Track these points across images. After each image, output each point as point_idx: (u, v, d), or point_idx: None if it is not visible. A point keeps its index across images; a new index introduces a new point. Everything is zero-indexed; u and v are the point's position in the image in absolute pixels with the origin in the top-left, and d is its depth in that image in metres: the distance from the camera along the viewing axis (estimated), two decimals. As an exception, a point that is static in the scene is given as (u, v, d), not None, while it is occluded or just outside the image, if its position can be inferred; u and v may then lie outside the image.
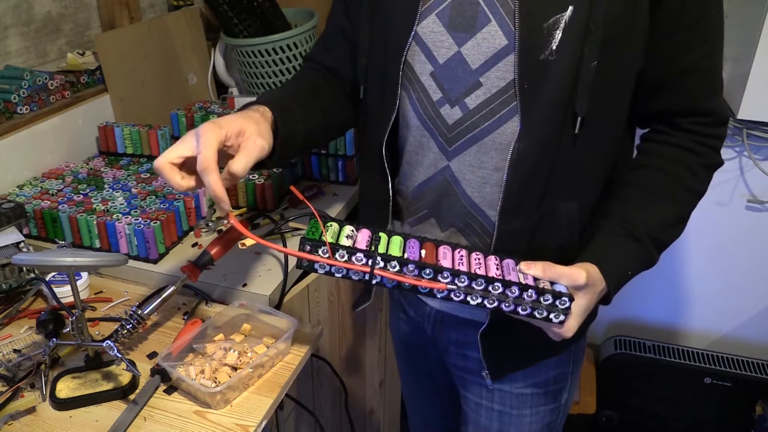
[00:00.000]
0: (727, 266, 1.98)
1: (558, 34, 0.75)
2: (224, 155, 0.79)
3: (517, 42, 0.76)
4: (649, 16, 0.77)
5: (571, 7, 0.74)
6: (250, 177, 1.32)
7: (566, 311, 0.76)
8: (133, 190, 1.26)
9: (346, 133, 1.38)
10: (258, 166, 0.86)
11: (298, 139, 0.91)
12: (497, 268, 0.78)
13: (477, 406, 1.05)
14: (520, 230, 0.84)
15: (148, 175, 1.34)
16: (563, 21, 0.74)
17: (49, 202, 1.21)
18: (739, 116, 1.62)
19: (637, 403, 2.04)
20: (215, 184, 0.75)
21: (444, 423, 1.27)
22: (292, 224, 1.20)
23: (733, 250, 1.95)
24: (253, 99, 0.90)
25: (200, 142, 0.76)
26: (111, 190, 1.27)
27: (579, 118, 0.78)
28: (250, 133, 0.79)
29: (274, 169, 1.34)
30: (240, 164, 0.77)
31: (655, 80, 0.82)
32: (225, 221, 1.26)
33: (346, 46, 0.97)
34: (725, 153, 1.82)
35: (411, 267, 0.75)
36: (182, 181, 0.78)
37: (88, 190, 1.26)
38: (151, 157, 1.43)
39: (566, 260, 0.81)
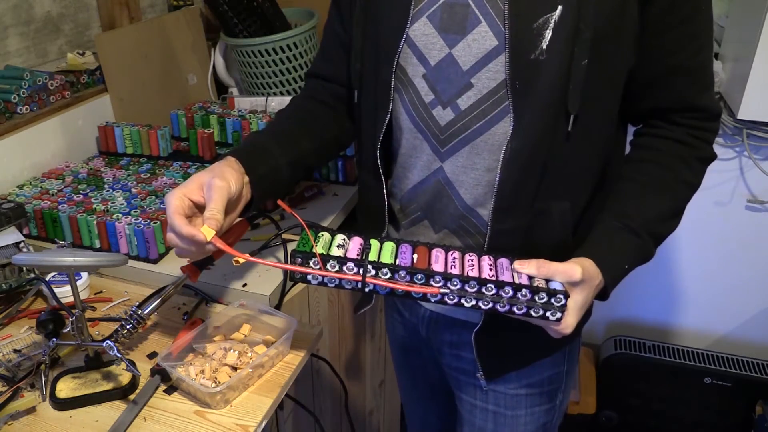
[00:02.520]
0: (727, 266, 1.98)
1: (548, 34, 0.75)
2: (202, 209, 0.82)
3: (507, 42, 0.76)
4: (639, 14, 0.77)
5: (560, 7, 0.74)
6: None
7: (562, 308, 0.76)
8: (133, 190, 1.26)
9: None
10: (247, 208, 0.88)
11: (282, 174, 0.92)
12: (490, 269, 0.78)
13: (472, 407, 1.05)
14: (513, 230, 0.84)
15: (148, 175, 1.34)
16: (553, 21, 0.75)
17: (49, 202, 1.21)
18: (739, 116, 1.62)
19: (637, 403, 2.04)
20: (181, 226, 0.77)
21: (440, 423, 1.27)
22: (285, 236, 1.19)
23: (733, 250, 1.95)
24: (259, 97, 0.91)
25: (167, 214, 0.79)
26: (111, 190, 1.27)
27: (571, 117, 0.78)
28: (207, 184, 0.80)
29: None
30: (207, 207, 0.79)
31: (646, 78, 0.82)
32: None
33: (343, 53, 0.97)
34: (725, 153, 1.83)
35: (402, 273, 0.76)
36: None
37: (88, 190, 1.26)
38: (151, 157, 1.43)
39: (560, 259, 0.81)
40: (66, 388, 0.87)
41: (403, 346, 1.18)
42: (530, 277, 0.78)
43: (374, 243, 0.82)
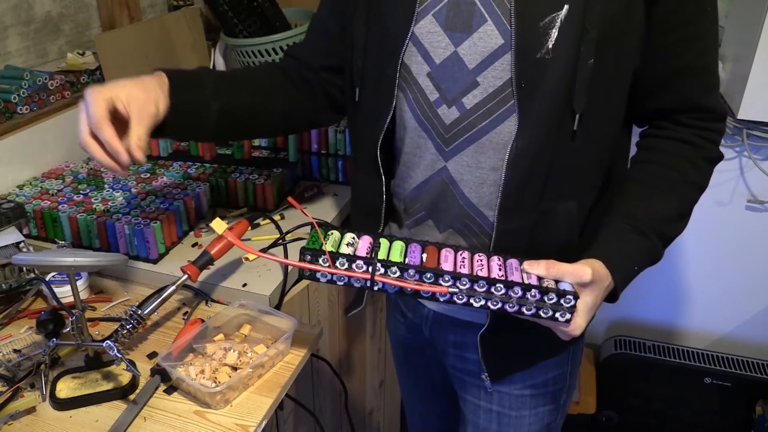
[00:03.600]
0: (727, 266, 1.98)
1: (554, 33, 0.75)
2: (116, 123, 0.82)
3: (513, 41, 0.76)
4: (645, 14, 0.77)
5: (566, 6, 0.74)
6: (250, 177, 1.31)
7: (571, 309, 0.76)
8: (133, 190, 1.26)
9: (347, 133, 1.38)
10: (158, 134, 0.89)
11: (209, 115, 0.93)
12: (500, 269, 0.78)
13: (476, 408, 1.05)
14: (518, 230, 0.84)
15: (148, 175, 1.34)
16: (559, 20, 0.75)
17: (49, 202, 1.21)
18: (739, 116, 1.62)
19: (637, 403, 2.04)
20: (111, 138, 0.79)
21: (441, 423, 1.27)
22: (290, 236, 1.19)
23: (733, 250, 1.95)
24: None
25: (88, 104, 0.79)
26: (111, 190, 1.27)
27: (577, 116, 0.78)
28: (138, 100, 0.82)
29: (274, 169, 1.34)
30: (135, 132, 0.81)
31: (652, 79, 0.82)
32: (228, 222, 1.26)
33: (323, 41, 0.98)
34: (725, 153, 1.79)
35: (411, 272, 0.75)
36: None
37: (88, 190, 1.26)
38: (151, 157, 1.43)
39: (566, 260, 0.81)
40: (66, 388, 0.87)
41: (405, 346, 1.18)
42: (540, 278, 0.78)
43: (384, 242, 0.81)
